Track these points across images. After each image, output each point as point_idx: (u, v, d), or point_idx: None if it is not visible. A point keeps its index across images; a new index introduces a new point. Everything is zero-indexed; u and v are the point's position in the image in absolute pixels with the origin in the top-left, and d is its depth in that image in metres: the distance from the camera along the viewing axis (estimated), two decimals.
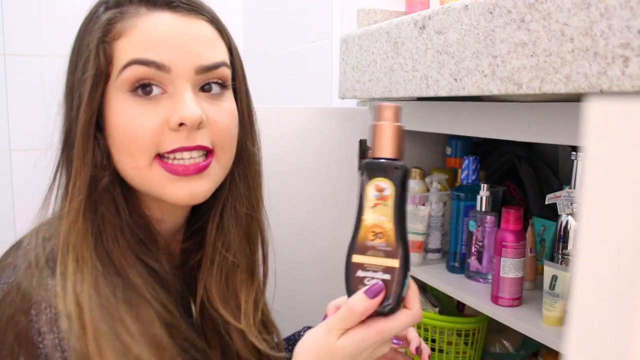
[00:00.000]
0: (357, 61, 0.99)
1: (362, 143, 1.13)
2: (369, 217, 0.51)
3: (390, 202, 0.51)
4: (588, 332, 0.28)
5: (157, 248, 0.58)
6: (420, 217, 1.04)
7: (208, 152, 0.56)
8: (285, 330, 0.78)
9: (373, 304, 0.49)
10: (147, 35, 0.53)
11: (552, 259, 0.92)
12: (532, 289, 0.91)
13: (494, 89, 0.64)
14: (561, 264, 0.86)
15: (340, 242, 1.14)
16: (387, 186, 0.51)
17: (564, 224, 0.87)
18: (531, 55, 0.58)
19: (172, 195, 0.55)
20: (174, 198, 0.55)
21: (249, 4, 1.81)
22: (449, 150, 1.16)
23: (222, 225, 0.62)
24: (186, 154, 0.54)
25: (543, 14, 0.56)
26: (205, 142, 0.55)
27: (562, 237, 0.87)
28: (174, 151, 0.53)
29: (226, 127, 0.58)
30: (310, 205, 1.08)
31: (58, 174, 0.57)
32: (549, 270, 0.78)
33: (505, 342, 1.08)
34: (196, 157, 0.55)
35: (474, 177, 1.00)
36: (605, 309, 0.27)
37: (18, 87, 1.60)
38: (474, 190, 0.98)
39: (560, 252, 0.87)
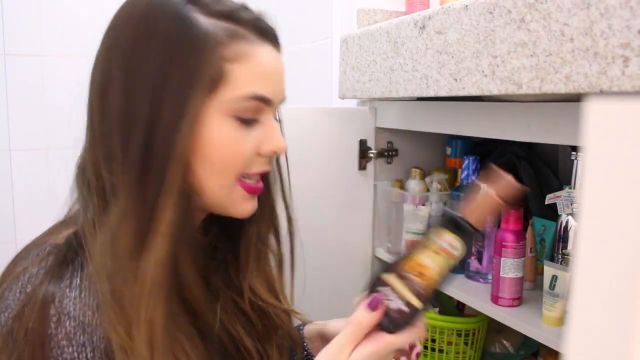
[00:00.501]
0: (357, 61, 0.99)
1: (362, 143, 1.12)
2: (424, 257, 0.54)
3: (452, 261, 0.54)
4: (588, 332, 0.28)
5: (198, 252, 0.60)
6: (420, 217, 1.04)
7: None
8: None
9: (375, 315, 0.54)
10: (264, 69, 0.55)
11: (552, 259, 0.92)
12: (532, 289, 0.91)
13: (494, 89, 0.64)
14: (561, 264, 0.86)
15: (340, 241, 1.14)
16: (459, 247, 0.54)
17: (564, 224, 0.87)
18: (531, 55, 0.58)
19: (241, 211, 0.59)
20: (242, 213, 0.59)
21: (248, 4, 1.81)
22: (449, 150, 1.16)
23: (260, 228, 0.66)
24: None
25: (543, 14, 0.56)
26: None
27: (562, 237, 0.87)
28: (258, 174, 0.58)
29: None
30: (309, 205, 1.08)
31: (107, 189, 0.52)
32: (549, 270, 0.78)
33: (505, 342, 1.08)
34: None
35: (474, 177, 1.00)
36: (605, 309, 0.27)
37: (18, 87, 1.60)
38: None
39: (560, 252, 0.87)
